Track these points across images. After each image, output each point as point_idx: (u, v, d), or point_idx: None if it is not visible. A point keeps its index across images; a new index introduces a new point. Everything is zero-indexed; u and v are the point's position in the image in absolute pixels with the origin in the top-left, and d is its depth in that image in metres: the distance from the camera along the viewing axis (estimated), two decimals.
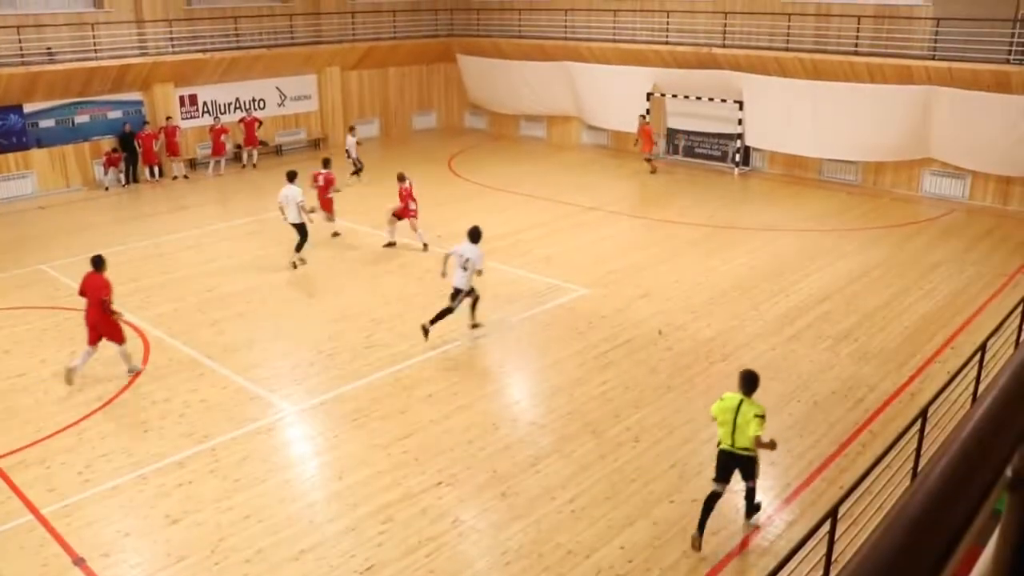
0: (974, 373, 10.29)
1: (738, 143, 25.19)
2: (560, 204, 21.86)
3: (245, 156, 26.96)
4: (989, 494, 1.23)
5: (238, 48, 26.57)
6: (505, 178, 24.74)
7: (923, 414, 8.70)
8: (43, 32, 22.95)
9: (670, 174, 25.51)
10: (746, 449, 8.25)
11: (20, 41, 22.30)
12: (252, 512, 9.20)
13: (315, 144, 29.44)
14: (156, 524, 9.05)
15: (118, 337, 12.24)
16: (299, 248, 17.06)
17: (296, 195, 16.70)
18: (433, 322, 13.19)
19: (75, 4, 24.08)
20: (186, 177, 25.57)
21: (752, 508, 8.84)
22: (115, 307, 12.11)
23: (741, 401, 8.25)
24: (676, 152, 27.13)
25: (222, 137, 25.84)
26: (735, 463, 8.41)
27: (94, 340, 12.18)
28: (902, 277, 16.09)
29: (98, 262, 12.25)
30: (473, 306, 13.72)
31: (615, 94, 27.10)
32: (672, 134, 27.11)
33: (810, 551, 6.95)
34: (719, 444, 8.48)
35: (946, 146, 21.43)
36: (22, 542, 8.79)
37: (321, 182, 18.88)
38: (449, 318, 13.38)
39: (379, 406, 11.49)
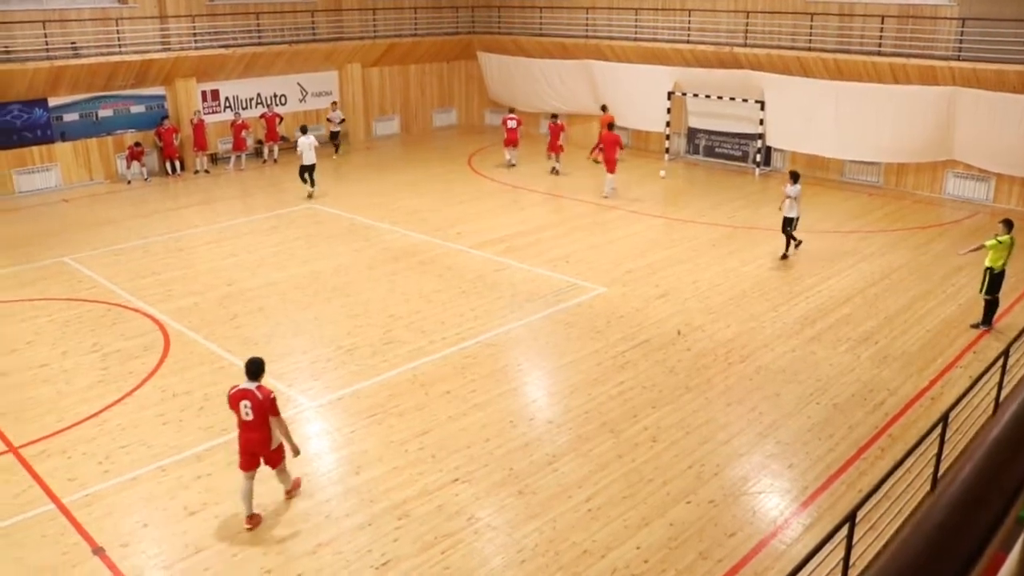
0: (996, 378, 10.19)
1: (759, 143, 25.06)
2: (579, 203, 21.83)
3: (266, 151, 27.11)
4: (1014, 501, 1.22)
5: (260, 44, 26.69)
6: (525, 176, 24.73)
7: (944, 419, 8.63)
8: (68, 27, 23.13)
9: (690, 174, 25.46)
10: (1004, 267, 13.42)
11: (46, 36, 22.50)
12: (269, 505, 9.25)
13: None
14: (175, 515, 9.12)
15: (612, 169, 22.00)
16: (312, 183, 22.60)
17: (313, 141, 22.21)
18: (790, 247, 17.32)
19: None
20: (207, 172, 25.74)
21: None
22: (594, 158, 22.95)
23: (1012, 238, 13.20)
24: (696, 152, 27.02)
25: (242, 132, 25.98)
26: (1002, 278, 13.41)
27: (610, 170, 22.03)
28: (924, 280, 15.96)
29: (612, 125, 23.04)
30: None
31: (636, 93, 27.03)
32: (693, 133, 27.02)
33: (827, 555, 6.91)
34: (992, 268, 13.28)
35: (970, 148, 21.22)
36: (44, 530, 8.89)
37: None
38: (470, 313, 13.39)
39: (397, 402, 11.52)
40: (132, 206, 22.18)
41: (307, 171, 22.39)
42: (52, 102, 23.29)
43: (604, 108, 26.05)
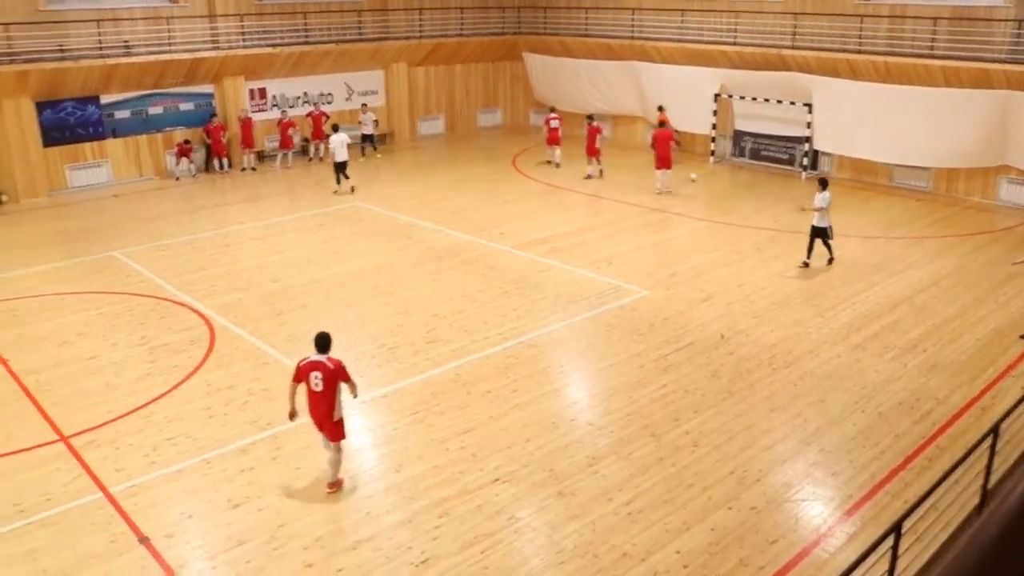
0: None
1: (806, 146, 24.75)
2: (624, 204, 21.75)
3: (312, 150, 27.42)
4: None
5: (307, 43, 26.99)
6: (569, 177, 24.69)
7: (994, 430, 8.43)
8: (120, 26, 23.58)
9: (735, 177, 25.24)
10: None
11: (99, 35, 22.97)
12: (311, 500, 9.35)
13: (381, 139, 29.72)
14: (218, 508, 9.25)
15: (667, 165, 22.31)
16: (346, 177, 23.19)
17: (346, 139, 22.89)
18: (832, 251, 17.02)
19: None
20: (254, 169, 26.08)
21: None
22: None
23: None
24: (742, 154, 26.75)
25: (289, 131, 26.29)
26: None
27: (659, 166, 22.39)
28: (974, 288, 15.64)
29: (662, 123, 23.26)
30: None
31: (682, 95, 26.83)
32: (739, 136, 26.75)
33: (872, 565, 6.80)
34: None
35: None
36: (92, 519, 9.08)
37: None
38: (512, 316, 13.42)
39: (438, 401, 11.57)
40: (180, 202, 22.56)
41: (340, 169, 22.86)
42: (104, 99, 23.77)
43: (660, 108, 25.63)
